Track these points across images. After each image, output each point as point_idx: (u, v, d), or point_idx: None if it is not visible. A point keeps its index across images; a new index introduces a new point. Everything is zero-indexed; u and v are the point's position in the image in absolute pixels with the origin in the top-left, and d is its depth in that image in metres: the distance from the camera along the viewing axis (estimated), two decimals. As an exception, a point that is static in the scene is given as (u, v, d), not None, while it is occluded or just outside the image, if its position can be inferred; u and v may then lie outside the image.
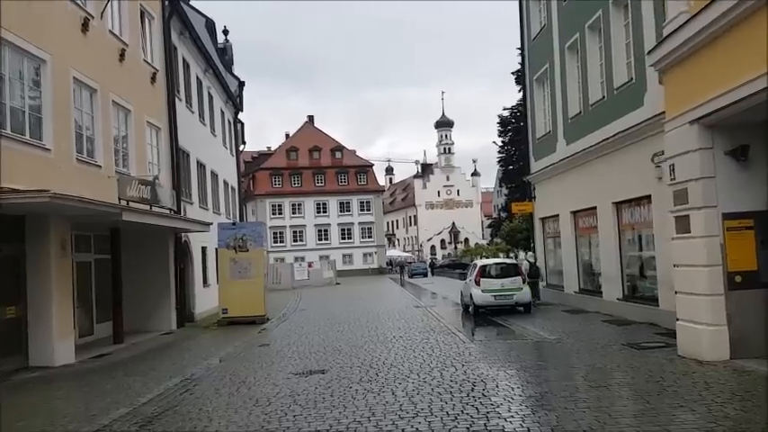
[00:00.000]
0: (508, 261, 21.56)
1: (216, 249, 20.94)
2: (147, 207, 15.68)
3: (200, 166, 24.25)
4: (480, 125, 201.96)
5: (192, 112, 23.61)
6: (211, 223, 21.02)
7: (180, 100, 21.48)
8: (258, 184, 74.46)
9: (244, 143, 38.64)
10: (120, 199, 14.24)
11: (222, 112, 29.80)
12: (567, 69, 18.92)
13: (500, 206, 65.59)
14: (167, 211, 16.92)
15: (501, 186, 51.17)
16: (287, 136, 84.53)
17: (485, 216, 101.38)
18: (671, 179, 10.14)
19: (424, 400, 8.02)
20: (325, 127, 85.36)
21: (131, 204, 14.56)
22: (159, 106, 19.28)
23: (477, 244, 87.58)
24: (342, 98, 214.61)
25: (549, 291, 21.83)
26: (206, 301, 22.80)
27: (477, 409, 7.39)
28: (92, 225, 15.91)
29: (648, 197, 14.24)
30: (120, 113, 16.72)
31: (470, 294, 19.04)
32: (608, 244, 16.53)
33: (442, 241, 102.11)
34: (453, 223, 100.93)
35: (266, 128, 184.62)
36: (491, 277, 18.84)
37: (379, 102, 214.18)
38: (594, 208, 17.35)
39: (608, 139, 15.74)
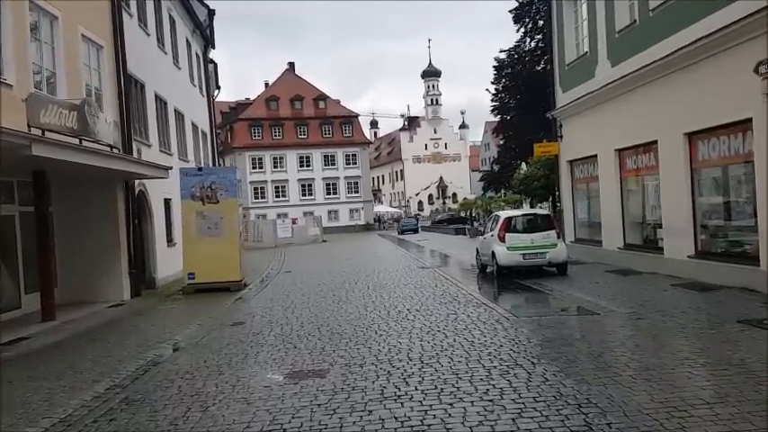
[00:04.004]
0: (539, 212, 17.94)
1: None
2: (76, 141, 11.77)
3: (160, 101, 20.17)
4: (466, 78, 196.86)
5: (148, 35, 19.39)
6: (170, 168, 17.10)
7: (130, 16, 17.30)
8: (236, 137, 69.93)
9: (218, 87, 34.76)
10: (29, 126, 10.29)
11: (188, 44, 25.45)
12: (616, -32, 15.04)
13: (491, 159, 61.91)
14: (107, 149, 12.97)
15: (495, 135, 47.13)
16: (266, 85, 79.55)
17: (472, 170, 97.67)
18: None
19: (511, 448, 4.49)
20: (308, 78, 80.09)
21: (48, 135, 10.63)
22: (100, 18, 15.14)
23: (465, 198, 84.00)
24: (324, 51, 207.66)
25: (577, 247, 18.36)
26: (171, 263, 19.18)
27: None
28: (8, 167, 12.09)
29: (747, 121, 10.65)
30: (42, 19, 12.64)
31: (492, 253, 15.55)
32: (674, 187, 12.99)
33: (430, 196, 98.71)
34: (441, 177, 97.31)
35: (245, 81, 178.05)
36: (518, 232, 15.34)
37: (363, 56, 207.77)
38: (654, 143, 13.73)
39: (684, 48, 12.00)
